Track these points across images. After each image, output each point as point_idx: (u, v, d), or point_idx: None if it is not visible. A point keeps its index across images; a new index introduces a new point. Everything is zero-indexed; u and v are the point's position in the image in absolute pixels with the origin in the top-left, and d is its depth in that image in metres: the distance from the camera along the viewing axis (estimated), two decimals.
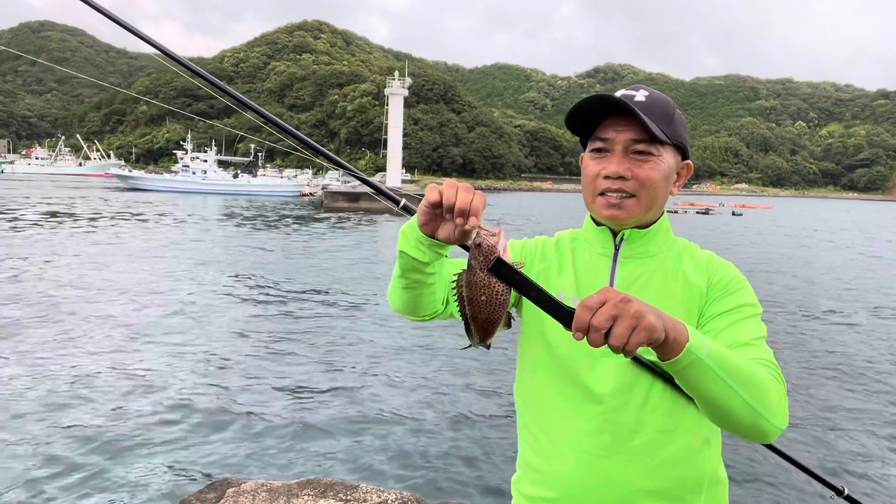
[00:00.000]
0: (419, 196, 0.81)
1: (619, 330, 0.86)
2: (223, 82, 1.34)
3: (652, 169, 1.23)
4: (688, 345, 0.97)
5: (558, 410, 1.28)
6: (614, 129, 1.23)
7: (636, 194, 1.24)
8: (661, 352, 0.97)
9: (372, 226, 33.51)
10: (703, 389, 1.03)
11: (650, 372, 1.23)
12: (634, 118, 1.20)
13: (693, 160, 1.36)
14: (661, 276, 1.29)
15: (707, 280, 1.27)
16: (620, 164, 1.22)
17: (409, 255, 1.12)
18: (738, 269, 1.31)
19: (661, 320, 0.92)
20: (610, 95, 1.22)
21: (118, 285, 14.10)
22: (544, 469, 1.30)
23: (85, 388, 7.58)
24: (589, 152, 1.30)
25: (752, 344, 1.18)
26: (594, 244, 1.35)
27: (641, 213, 1.26)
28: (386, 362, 9.20)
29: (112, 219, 31.18)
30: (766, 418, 1.06)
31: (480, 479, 5.84)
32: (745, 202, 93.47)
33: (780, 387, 1.12)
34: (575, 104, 1.24)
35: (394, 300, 1.29)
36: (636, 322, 0.87)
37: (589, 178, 1.29)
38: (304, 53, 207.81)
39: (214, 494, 3.20)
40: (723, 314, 1.23)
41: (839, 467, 6.34)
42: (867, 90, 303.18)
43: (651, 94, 1.28)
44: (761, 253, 27.05)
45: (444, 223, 1.05)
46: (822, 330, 12.48)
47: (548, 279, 1.36)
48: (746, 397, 1.03)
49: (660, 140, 1.21)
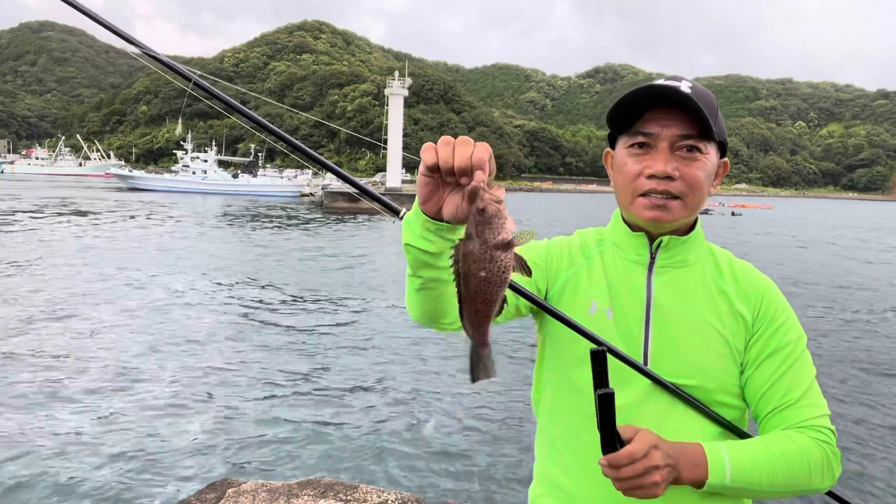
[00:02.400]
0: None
1: (624, 488, 0.99)
2: (222, 83, 1.30)
3: (700, 168, 1.14)
4: (707, 481, 1.02)
5: (587, 432, 1.16)
6: (659, 122, 1.13)
7: (682, 196, 1.15)
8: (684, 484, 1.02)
9: (372, 226, 33.50)
10: (732, 497, 1.09)
11: (682, 399, 1.17)
12: (680, 111, 1.12)
13: None
14: (704, 292, 1.20)
15: (752, 310, 1.20)
16: (668, 163, 1.12)
17: (415, 248, 0.96)
18: (778, 289, 1.24)
19: (677, 472, 1.00)
20: (666, 85, 1.12)
21: (118, 285, 14.10)
22: (572, 490, 1.24)
23: (83, 388, 7.58)
24: (626, 148, 1.18)
25: (804, 399, 1.15)
26: (627, 251, 1.25)
27: (686, 216, 1.17)
28: (385, 363, 9.20)
29: (111, 218, 31.17)
30: (808, 491, 1.10)
31: (481, 479, 5.84)
32: (745, 202, 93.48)
33: (821, 453, 1.11)
34: (624, 94, 1.14)
35: (411, 308, 1.14)
36: (645, 492, 0.98)
37: (628, 178, 1.18)
38: (304, 53, 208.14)
39: (214, 494, 3.20)
40: (771, 356, 1.17)
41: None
42: (867, 90, 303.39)
43: (695, 85, 1.16)
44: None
45: (450, 195, 0.88)
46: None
47: (577, 287, 1.26)
48: (778, 490, 1.06)
49: (709, 136, 1.13)
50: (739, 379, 1.18)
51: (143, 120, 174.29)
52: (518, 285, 1.15)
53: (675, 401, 1.16)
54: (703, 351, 1.15)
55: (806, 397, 1.15)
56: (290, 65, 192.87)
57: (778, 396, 1.14)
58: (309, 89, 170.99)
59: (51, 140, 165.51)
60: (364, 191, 1.31)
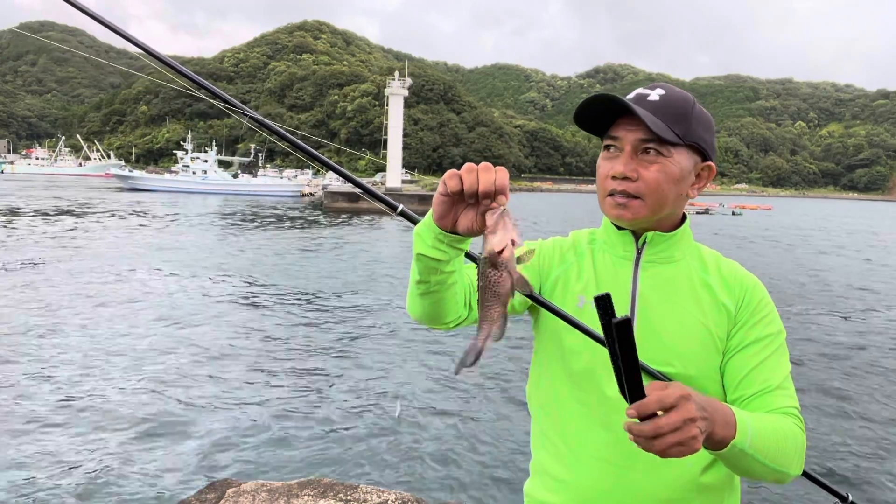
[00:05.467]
0: (420, 196, 0.97)
1: (663, 447, 0.89)
2: (223, 83, 1.88)
3: (659, 171, 1.19)
4: (733, 441, 0.99)
5: (578, 419, 1.26)
6: (625, 128, 1.21)
7: (642, 196, 1.21)
8: (706, 444, 0.98)
9: (372, 226, 33.49)
10: (734, 465, 1.07)
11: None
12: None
13: None
14: (688, 285, 1.25)
15: (735, 301, 1.24)
16: (627, 165, 1.20)
17: (427, 257, 1.07)
18: (763, 286, 1.28)
19: (712, 426, 0.95)
20: (613, 96, 1.18)
21: (117, 285, 14.10)
22: (564, 477, 1.27)
23: (83, 388, 7.59)
24: (602, 151, 1.28)
25: (782, 387, 1.19)
26: (615, 247, 1.32)
27: (648, 215, 1.22)
28: (385, 363, 9.20)
29: (111, 218, 31.16)
30: (787, 476, 1.12)
31: (481, 479, 5.84)
32: (745, 202, 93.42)
33: (802, 439, 1.14)
34: (580, 104, 1.22)
35: (413, 309, 1.23)
36: (686, 448, 0.90)
37: (600, 178, 1.27)
38: (304, 54, 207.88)
39: (214, 494, 3.20)
40: (752, 344, 1.21)
41: (841, 471, 6.34)
42: (867, 90, 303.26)
43: (668, 92, 1.23)
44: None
45: (465, 212, 1.00)
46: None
47: (567, 283, 1.32)
48: (775, 467, 1.08)
49: (669, 141, 1.18)
50: (721, 367, 1.23)
51: (143, 120, 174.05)
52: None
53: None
54: (685, 340, 1.20)
55: (783, 387, 1.19)
56: (290, 65, 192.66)
57: (759, 382, 1.18)
58: (309, 89, 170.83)
59: (51, 140, 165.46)
60: (365, 189, 1.38)
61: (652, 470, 1.19)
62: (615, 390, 1.15)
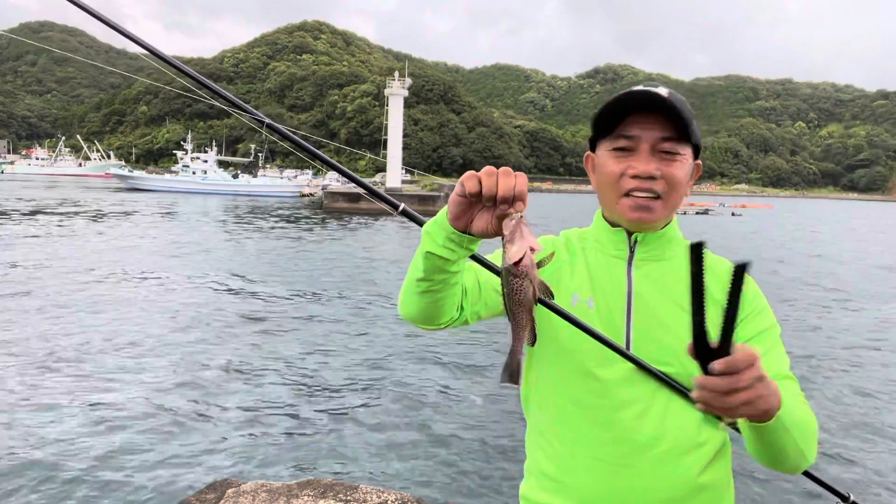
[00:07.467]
0: (420, 196, 0.96)
1: (736, 403, 0.87)
2: (223, 83, 1.76)
3: (679, 168, 1.19)
4: (779, 412, 0.97)
5: (574, 418, 1.25)
6: (640, 126, 1.18)
7: (663, 195, 1.20)
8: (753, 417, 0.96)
9: (372, 226, 33.50)
10: (772, 443, 1.04)
11: (667, 385, 1.20)
12: (660, 115, 1.16)
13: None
14: (681, 283, 1.23)
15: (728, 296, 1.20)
16: (650, 163, 1.17)
17: (437, 256, 1.06)
18: (754, 281, 1.26)
19: (769, 391, 0.93)
20: (647, 90, 1.17)
21: (116, 285, 14.09)
22: (561, 478, 1.26)
23: (82, 388, 7.58)
24: (608, 151, 1.23)
25: (789, 377, 1.18)
26: (607, 246, 1.30)
27: (666, 214, 1.23)
28: (385, 363, 9.19)
29: (111, 218, 31.17)
30: (806, 461, 1.11)
31: (480, 479, 5.84)
32: (744, 202, 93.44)
33: (816, 427, 1.13)
34: (606, 102, 1.19)
35: (408, 308, 1.22)
36: (751, 408, 0.90)
37: (612, 178, 1.22)
38: (304, 54, 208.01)
39: (214, 495, 3.20)
40: (752, 339, 1.21)
41: (843, 472, 6.34)
42: (867, 90, 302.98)
43: (672, 92, 1.21)
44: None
45: (480, 214, 1.00)
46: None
47: (560, 281, 1.30)
48: (804, 448, 1.07)
49: (686, 138, 1.19)
50: None
51: (142, 120, 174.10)
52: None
53: (660, 385, 1.20)
54: (681, 338, 1.18)
55: (790, 377, 1.19)
56: (290, 65, 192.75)
57: (769, 368, 1.15)
58: (309, 90, 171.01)
59: (51, 140, 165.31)
60: (366, 187, 1.39)
61: (650, 470, 1.18)
62: (614, 390, 1.17)
